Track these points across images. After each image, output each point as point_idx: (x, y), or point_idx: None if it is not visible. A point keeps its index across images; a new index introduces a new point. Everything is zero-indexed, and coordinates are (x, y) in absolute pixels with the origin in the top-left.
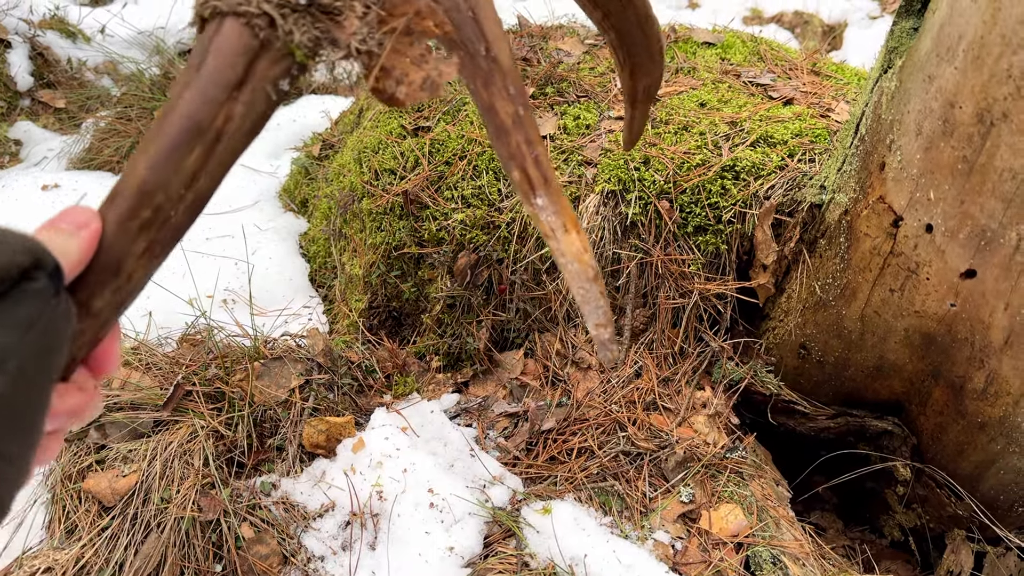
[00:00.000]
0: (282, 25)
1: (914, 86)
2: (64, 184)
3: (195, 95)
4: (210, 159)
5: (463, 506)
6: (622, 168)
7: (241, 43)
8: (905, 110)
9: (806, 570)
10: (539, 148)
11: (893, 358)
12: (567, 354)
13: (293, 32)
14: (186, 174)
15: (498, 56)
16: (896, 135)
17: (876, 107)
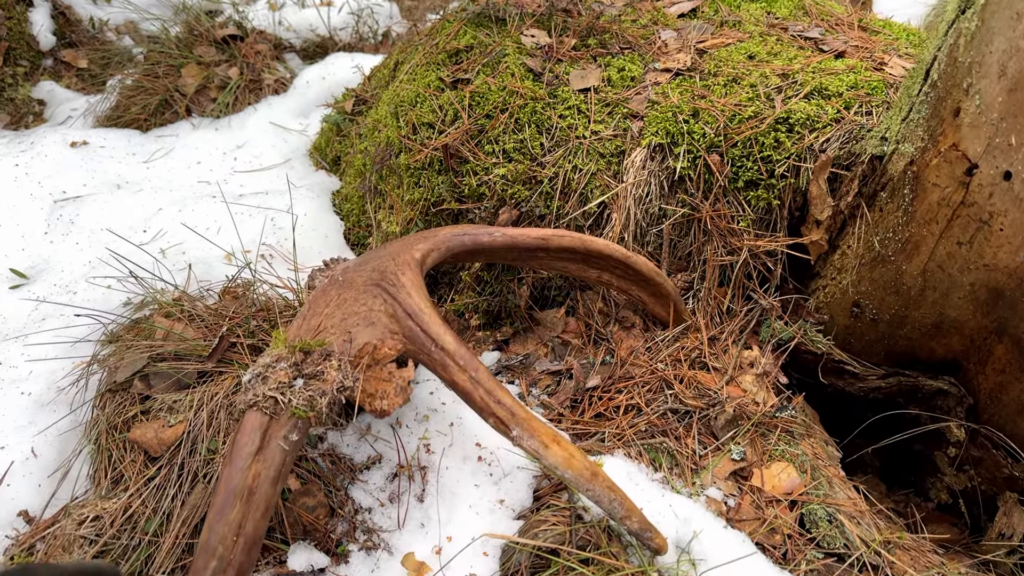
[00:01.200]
0: (282, 400)
1: (999, 24)
2: (92, 141)
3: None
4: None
5: (511, 460)
6: (670, 120)
7: (256, 423)
8: (987, 51)
9: (862, 528)
10: (499, 393)
11: (955, 314)
12: (610, 312)
13: (292, 400)
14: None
15: (444, 345)
16: (975, 78)
17: (952, 50)
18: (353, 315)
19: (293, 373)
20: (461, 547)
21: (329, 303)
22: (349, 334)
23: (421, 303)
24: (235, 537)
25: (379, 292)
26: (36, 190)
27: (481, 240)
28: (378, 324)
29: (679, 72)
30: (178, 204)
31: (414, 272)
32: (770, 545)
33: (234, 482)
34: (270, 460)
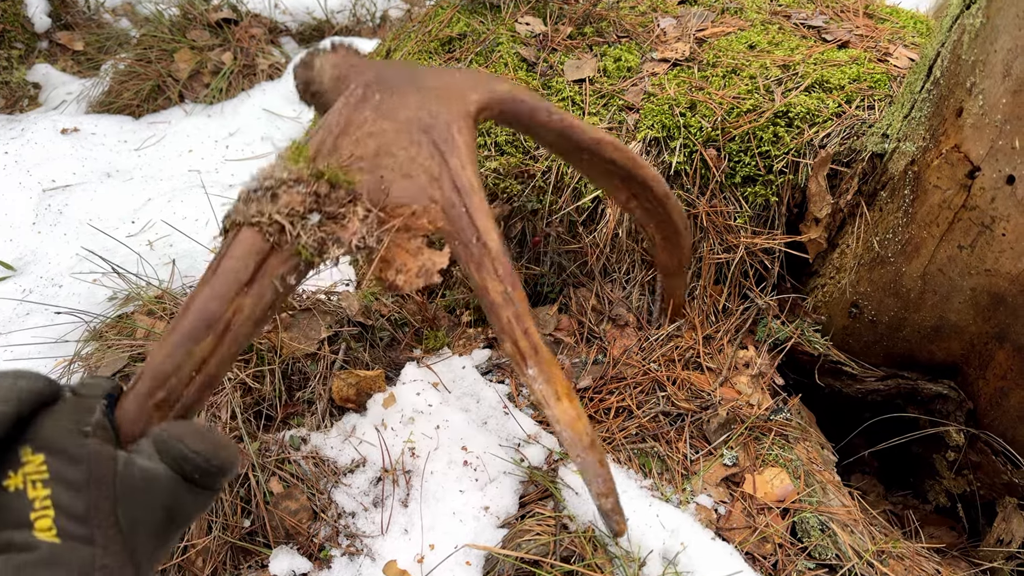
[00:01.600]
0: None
1: (1004, 22)
2: (84, 128)
3: (208, 292)
4: (219, 346)
5: (498, 465)
6: (666, 113)
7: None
8: (991, 49)
9: (855, 537)
10: (528, 322)
11: (955, 319)
12: (603, 310)
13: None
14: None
15: (488, 243)
16: (978, 77)
17: (955, 47)
18: (389, 156)
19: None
20: (444, 556)
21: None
22: (383, 179)
23: (474, 179)
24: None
25: (427, 143)
26: (25, 179)
27: (539, 116)
28: (417, 181)
29: (677, 62)
30: (167, 194)
31: (470, 131)
32: (760, 555)
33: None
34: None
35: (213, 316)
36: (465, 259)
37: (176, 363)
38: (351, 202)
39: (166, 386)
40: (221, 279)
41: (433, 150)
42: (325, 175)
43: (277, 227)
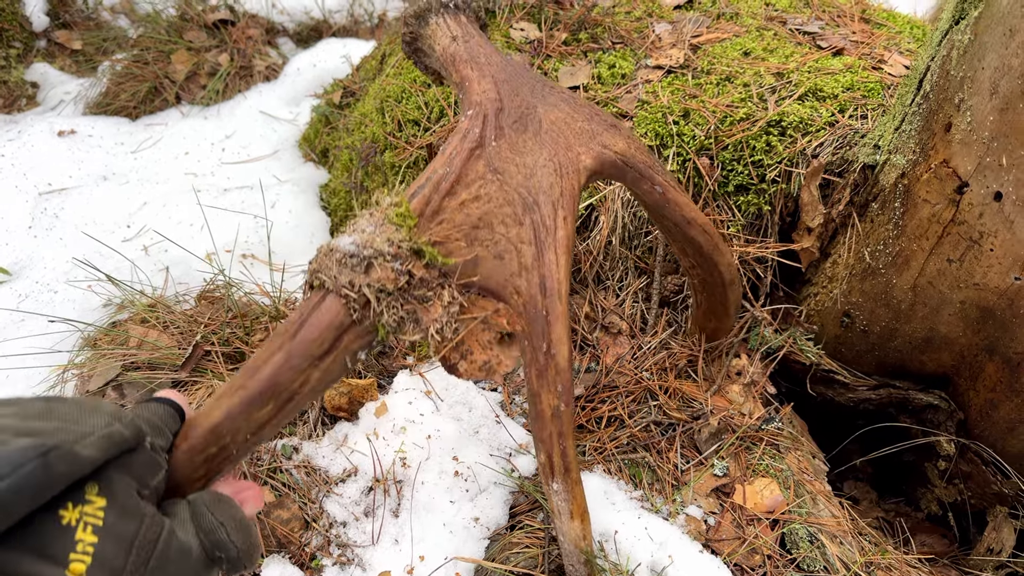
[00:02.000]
0: (375, 307)
1: (992, 40)
2: (80, 130)
3: (283, 360)
4: (279, 414)
5: (488, 475)
6: (660, 122)
7: (336, 319)
8: (979, 66)
9: (844, 548)
10: (567, 441)
11: (945, 331)
12: (596, 318)
13: (383, 313)
14: (256, 424)
15: (556, 356)
16: (967, 94)
17: (944, 62)
18: (489, 229)
19: (403, 283)
20: (434, 567)
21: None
22: (476, 257)
23: (563, 282)
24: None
25: (528, 225)
26: (21, 182)
27: (641, 185)
28: (508, 267)
29: (671, 69)
30: (163, 198)
31: (573, 215)
32: (749, 567)
33: (282, 379)
34: (327, 372)
35: (282, 386)
36: (529, 362)
37: (236, 426)
38: (440, 285)
39: (219, 443)
40: (299, 349)
41: (532, 235)
42: (424, 256)
43: (363, 300)
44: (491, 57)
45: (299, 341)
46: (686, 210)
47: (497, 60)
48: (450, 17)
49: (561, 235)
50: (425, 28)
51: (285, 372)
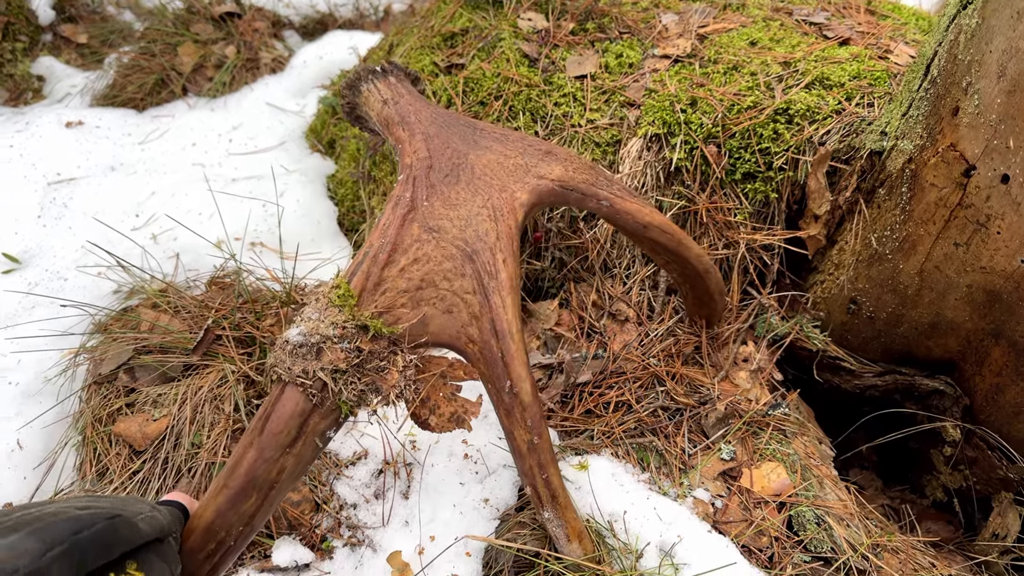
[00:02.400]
0: (332, 388)
1: (999, 23)
2: (88, 121)
3: (256, 455)
4: (264, 503)
5: (498, 457)
6: (667, 110)
7: (297, 408)
8: (986, 50)
9: (850, 531)
10: (550, 470)
11: (951, 316)
12: (603, 305)
13: (343, 391)
14: (245, 516)
15: (519, 393)
16: (974, 77)
17: (952, 46)
18: (433, 287)
19: (353, 359)
20: (444, 547)
21: (410, 249)
22: (424, 316)
23: (514, 321)
24: (242, 527)
25: (471, 274)
26: (30, 172)
27: (588, 204)
28: (458, 318)
29: (678, 59)
30: (171, 188)
31: (513, 255)
32: (756, 548)
33: (258, 472)
34: (300, 456)
35: (260, 479)
36: (496, 403)
37: (227, 521)
38: (392, 352)
39: (216, 539)
40: (268, 442)
41: (477, 285)
42: (370, 330)
43: (319, 384)
44: (420, 114)
45: (267, 435)
46: (639, 216)
47: (427, 115)
48: (379, 82)
49: (504, 277)
50: (359, 96)
51: (260, 465)
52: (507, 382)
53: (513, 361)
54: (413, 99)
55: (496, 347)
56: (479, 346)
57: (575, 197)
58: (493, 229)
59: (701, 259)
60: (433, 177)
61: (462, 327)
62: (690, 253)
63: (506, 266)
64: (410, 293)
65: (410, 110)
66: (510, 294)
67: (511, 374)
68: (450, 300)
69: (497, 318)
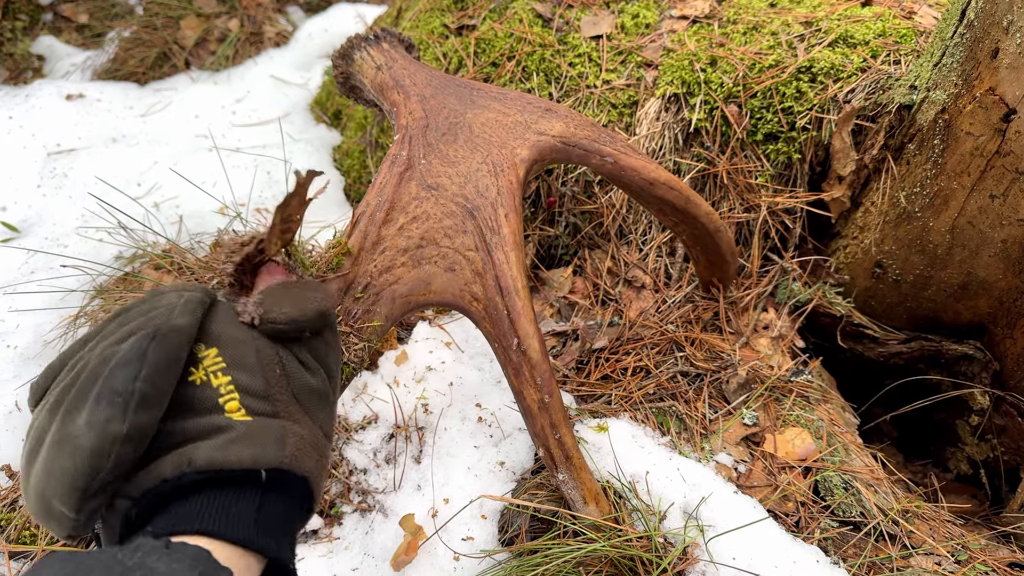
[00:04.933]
0: None
1: None
2: (89, 94)
3: None
4: None
5: (513, 421)
6: (686, 69)
7: None
8: None
9: (879, 496)
10: (562, 430)
11: (983, 274)
12: (619, 272)
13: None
14: None
15: (527, 351)
16: (1016, 15)
17: None
18: (434, 245)
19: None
20: (458, 509)
21: (408, 206)
22: (427, 274)
23: (519, 278)
24: None
25: (472, 230)
26: (29, 142)
27: (591, 161)
28: (461, 276)
29: (696, 19)
30: (174, 158)
31: (516, 210)
32: (782, 513)
33: None
34: None
35: None
36: (504, 362)
37: None
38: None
39: None
40: None
41: (479, 241)
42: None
43: None
44: (416, 76)
45: None
46: (645, 172)
47: (422, 77)
48: (372, 48)
49: (506, 232)
50: (352, 65)
51: None
52: (514, 340)
53: (520, 318)
54: (407, 63)
55: (501, 304)
56: (483, 304)
57: (577, 153)
58: (494, 185)
59: (711, 217)
60: (430, 136)
61: (465, 285)
62: (699, 211)
63: (508, 221)
64: (410, 252)
65: (404, 73)
66: (513, 250)
67: (518, 331)
68: (452, 258)
69: (501, 274)
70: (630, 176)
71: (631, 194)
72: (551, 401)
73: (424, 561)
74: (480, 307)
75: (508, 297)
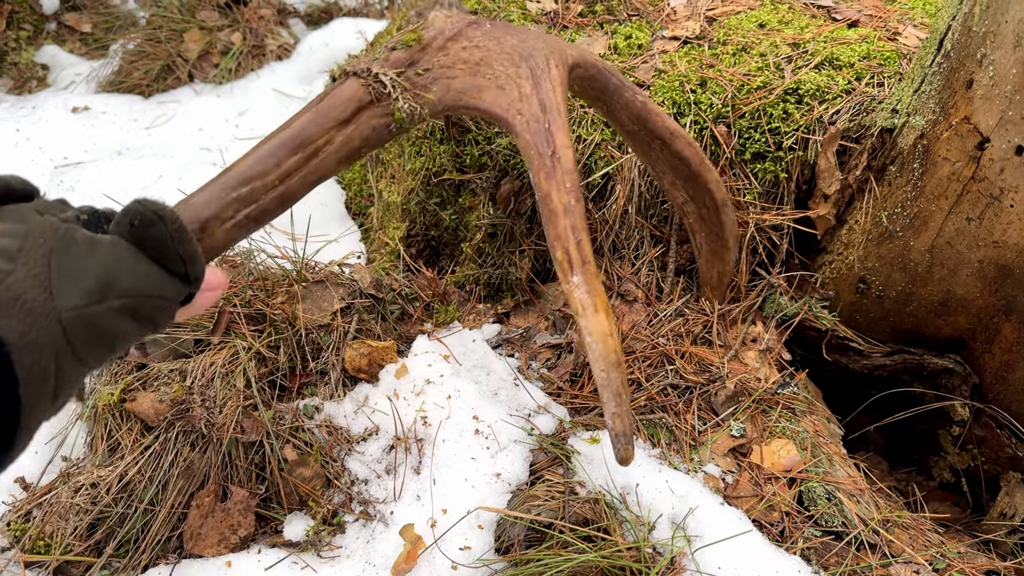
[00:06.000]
0: (391, 91)
1: None
2: (94, 107)
3: (308, 118)
4: (305, 165)
5: (509, 433)
6: (677, 90)
7: (355, 94)
8: (1002, 20)
9: (861, 506)
10: (583, 234)
11: (962, 292)
12: (612, 286)
13: (399, 99)
14: (283, 171)
15: (562, 157)
16: (989, 48)
17: (966, 19)
18: (489, 67)
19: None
20: (456, 519)
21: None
22: (480, 84)
23: (561, 103)
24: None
25: (525, 67)
26: (37, 155)
27: (624, 93)
28: (509, 94)
29: (687, 40)
30: (178, 171)
31: (563, 70)
32: (767, 522)
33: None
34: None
35: (308, 139)
36: (537, 167)
37: (264, 168)
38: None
39: (249, 185)
40: (324, 111)
41: (529, 73)
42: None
43: (381, 85)
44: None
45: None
46: (668, 121)
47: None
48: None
49: (554, 73)
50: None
51: (309, 127)
52: (550, 148)
53: (559, 132)
54: None
55: (543, 119)
56: (527, 118)
57: (614, 83)
58: (545, 47)
59: (720, 186)
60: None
61: (512, 101)
62: (711, 176)
63: (557, 68)
64: (470, 64)
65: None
66: (559, 86)
67: (555, 141)
68: (504, 79)
69: (546, 97)
70: (654, 122)
71: (648, 152)
72: (576, 206)
73: (423, 570)
74: (523, 120)
75: (550, 114)
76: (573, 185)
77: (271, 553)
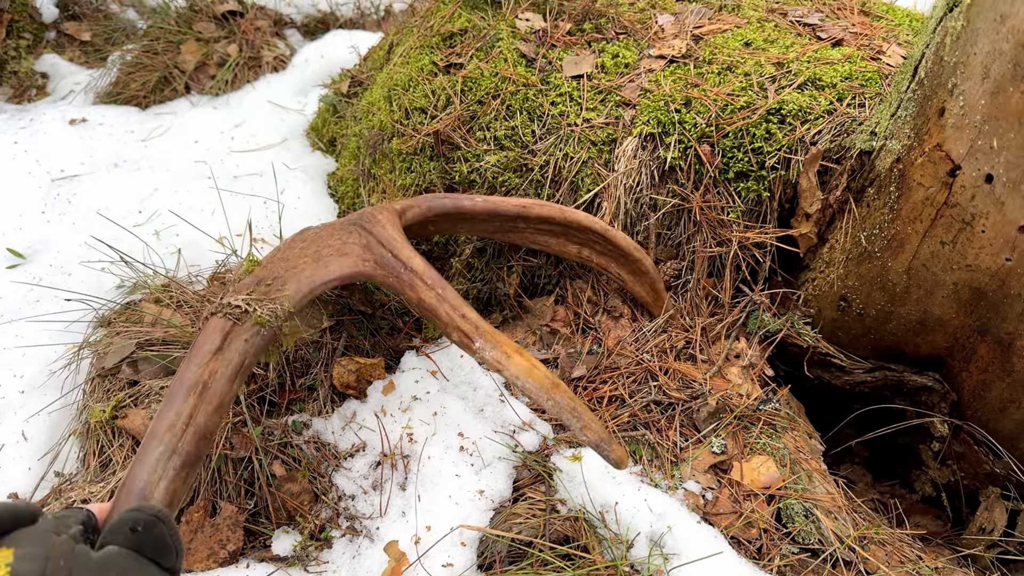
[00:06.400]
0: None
1: (983, 26)
2: (91, 118)
3: (186, 364)
4: (202, 401)
5: (493, 450)
6: (662, 110)
7: (219, 326)
8: (971, 52)
9: (838, 523)
10: (464, 308)
11: (938, 312)
12: (598, 301)
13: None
14: (185, 415)
15: (414, 268)
16: (959, 79)
17: (938, 48)
18: (328, 247)
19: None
20: (440, 536)
21: (306, 240)
22: (325, 260)
23: (395, 234)
24: (185, 426)
25: (355, 228)
26: (34, 168)
27: (462, 204)
28: (351, 255)
29: (674, 59)
30: (174, 185)
31: (392, 215)
32: (746, 539)
33: (189, 376)
34: (228, 359)
35: (192, 380)
36: (400, 287)
37: (168, 423)
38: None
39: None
40: (195, 353)
41: (360, 231)
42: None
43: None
44: None
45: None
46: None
47: None
48: None
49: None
50: None
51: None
52: (400, 266)
53: (400, 251)
54: None
55: (385, 251)
56: (374, 257)
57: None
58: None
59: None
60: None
61: (357, 258)
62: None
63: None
64: (309, 254)
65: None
66: (390, 224)
67: (401, 258)
68: (342, 247)
69: (379, 236)
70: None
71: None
72: (445, 292)
73: None
74: (371, 262)
75: (389, 245)
76: (434, 280)
77: (259, 568)
